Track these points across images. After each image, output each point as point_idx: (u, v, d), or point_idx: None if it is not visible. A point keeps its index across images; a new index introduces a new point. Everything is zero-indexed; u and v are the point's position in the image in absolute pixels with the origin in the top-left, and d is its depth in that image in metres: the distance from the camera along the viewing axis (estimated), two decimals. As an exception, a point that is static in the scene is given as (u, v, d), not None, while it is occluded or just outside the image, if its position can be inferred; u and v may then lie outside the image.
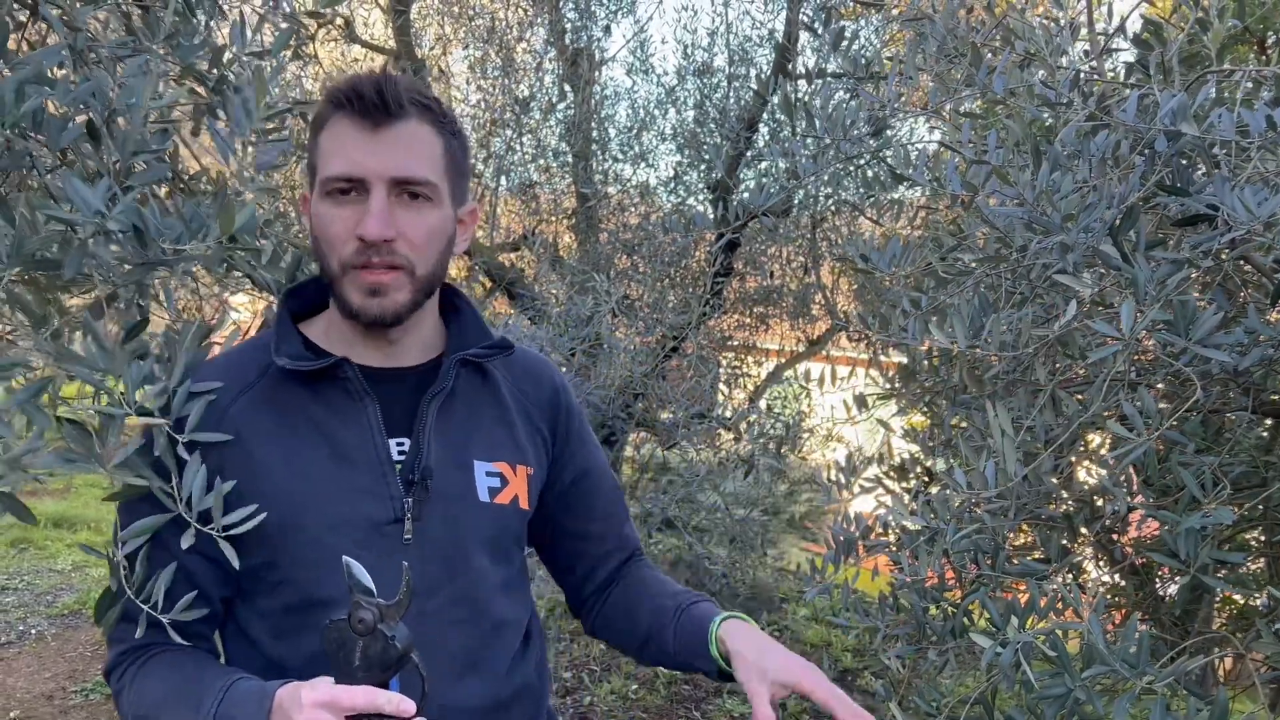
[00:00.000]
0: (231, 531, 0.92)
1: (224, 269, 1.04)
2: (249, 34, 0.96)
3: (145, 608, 0.89)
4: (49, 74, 0.81)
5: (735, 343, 4.29)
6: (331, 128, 1.02)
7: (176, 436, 0.86)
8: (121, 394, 0.73)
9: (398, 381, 1.10)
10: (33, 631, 4.43)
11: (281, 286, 1.12)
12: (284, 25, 1.04)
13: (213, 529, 0.93)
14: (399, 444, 1.08)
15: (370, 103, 1.00)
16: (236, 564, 0.97)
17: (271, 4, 1.25)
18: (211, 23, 0.98)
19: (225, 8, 1.04)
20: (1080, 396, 1.40)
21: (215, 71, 0.95)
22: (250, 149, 0.95)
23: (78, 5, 0.90)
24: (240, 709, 0.91)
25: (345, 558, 0.91)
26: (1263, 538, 1.71)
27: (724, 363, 4.13)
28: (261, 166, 0.92)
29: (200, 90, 0.96)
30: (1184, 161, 1.24)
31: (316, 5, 1.07)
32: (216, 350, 1.07)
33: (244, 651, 1.09)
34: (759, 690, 1.03)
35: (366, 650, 0.87)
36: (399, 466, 1.07)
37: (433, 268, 1.06)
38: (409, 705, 0.86)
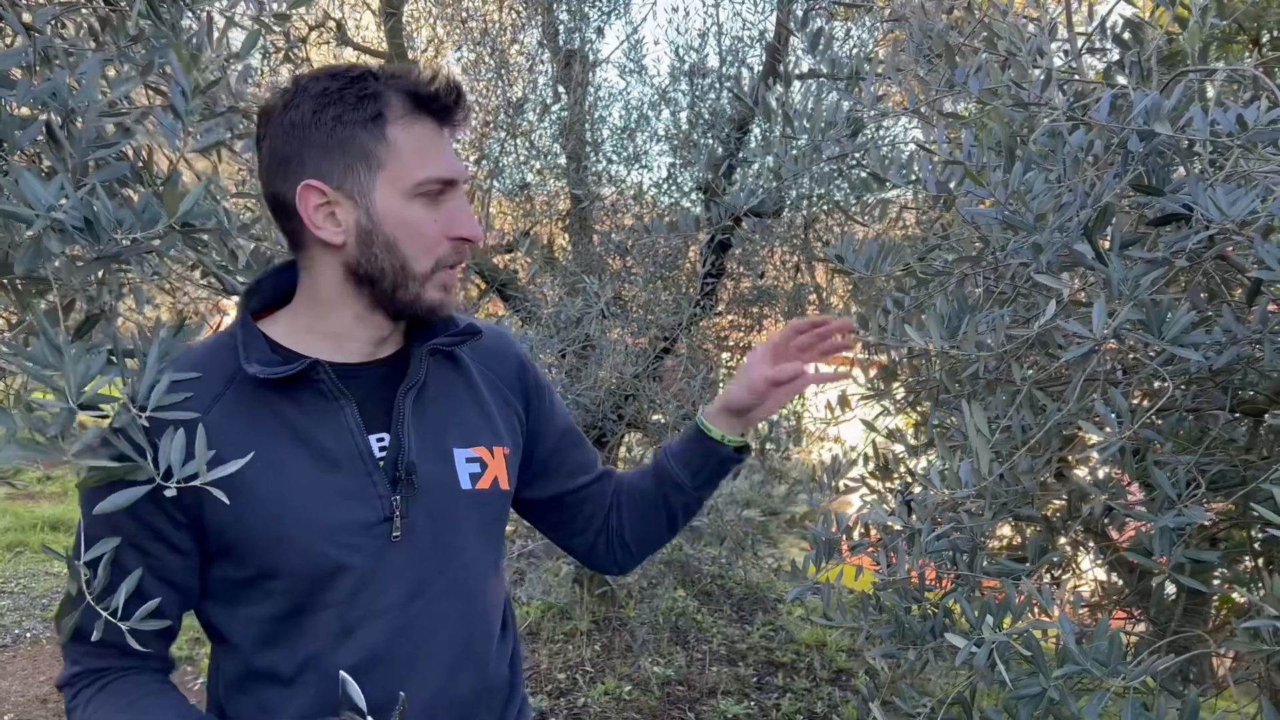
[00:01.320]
0: (203, 481, 0.85)
1: (194, 268, 1.04)
2: (215, 35, 0.96)
3: (105, 614, 0.88)
4: (11, 76, 0.81)
5: (731, 343, 4.29)
6: (410, 125, 1.02)
7: (142, 415, 0.84)
8: (65, 390, 0.73)
9: (367, 376, 1.09)
10: (28, 635, 4.44)
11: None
12: (255, 28, 1.04)
13: (198, 483, 0.87)
14: (378, 439, 1.07)
15: (448, 106, 1.04)
16: (228, 500, 0.90)
17: (250, 6, 1.26)
18: (179, 24, 0.98)
19: (197, 13, 1.04)
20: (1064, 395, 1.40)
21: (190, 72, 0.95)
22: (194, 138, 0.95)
23: (45, 5, 0.90)
24: None
25: (341, 673, 0.89)
26: (1259, 535, 1.70)
27: (721, 363, 4.12)
28: (200, 148, 0.93)
29: (166, 90, 0.96)
30: (1159, 160, 1.23)
31: (286, 8, 1.07)
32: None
33: (226, 659, 1.08)
34: (754, 362, 1.24)
35: None
36: (381, 464, 1.06)
37: None
38: None
